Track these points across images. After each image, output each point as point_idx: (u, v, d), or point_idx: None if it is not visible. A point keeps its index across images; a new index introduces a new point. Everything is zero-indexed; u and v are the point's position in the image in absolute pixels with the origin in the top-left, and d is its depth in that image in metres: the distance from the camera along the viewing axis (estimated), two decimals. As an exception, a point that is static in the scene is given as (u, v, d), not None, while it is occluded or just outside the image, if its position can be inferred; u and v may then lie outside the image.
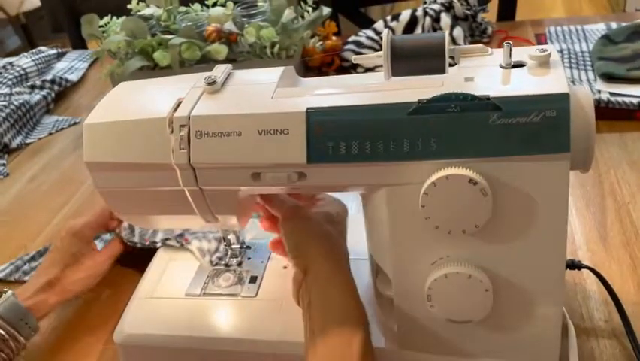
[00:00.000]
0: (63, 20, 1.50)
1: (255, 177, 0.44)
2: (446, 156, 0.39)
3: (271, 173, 0.43)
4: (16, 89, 1.16)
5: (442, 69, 0.42)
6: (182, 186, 0.45)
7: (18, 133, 1.07)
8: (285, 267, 0.58)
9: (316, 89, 0.45)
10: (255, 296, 0.55)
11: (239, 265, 0.58)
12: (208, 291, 0.56)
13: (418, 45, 0.43)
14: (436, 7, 1.04)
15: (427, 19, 1.04)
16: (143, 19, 1.01)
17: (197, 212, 0.48)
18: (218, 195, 0.46)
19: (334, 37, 1.09)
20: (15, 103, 1.08)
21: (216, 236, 0.62)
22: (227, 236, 0.59)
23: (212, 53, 0.97)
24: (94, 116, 0.47)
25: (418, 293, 0.43)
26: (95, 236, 0.65)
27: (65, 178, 0.95)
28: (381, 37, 0.44)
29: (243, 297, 0.55)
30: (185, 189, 0.46)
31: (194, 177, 0.44)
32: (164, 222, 0.53)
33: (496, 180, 0.39)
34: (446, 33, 0.42)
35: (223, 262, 0.59)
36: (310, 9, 1.01)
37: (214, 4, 1.02)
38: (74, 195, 0.89)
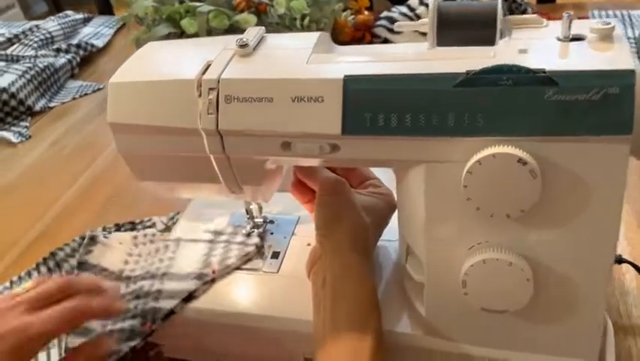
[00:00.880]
0: (90, -15, 1.48)
1: (285, 146, 0.41)
2: (494, 132, 0.36)
3: (302, 143, 0.40)
4: (42, 52, 1.14)
5: (491, 40, 0.39)
6: (208, 152, 0.43)
7: (42, 96, 1.06)
8: (309, 244, 0.55)
9: (354, 57, 0.42)
10: (277, 272, 0.53)
11: (260, 238, 0.56)
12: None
13: (467, 12, 0.40)
14: (475, -16, 1.00)
15: (465, -4, 0.99)
16: (171, -16, 0.99)
17: (222, 181, 0.45)
18: (245, 163, 0.44)
19: (366, 12, 1.05)
20: (40, 65, 1.06)
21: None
22: (250, 207, 0.57)
23: (240, 22, 0.94)
24: (119, 75, 0.45)
25: (451, 278, 0.41)
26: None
27: (87, 143, 0.93)
28: (416, 15, 0.41)
29: (264, 272, 0.53)
30: (212, 156, 0.43)
31: (221, 143, 0.42)
32: (187, 191, 0.51)
33: (547, 162, 0.36)
34: (499, 1, 0.39)
35: (244, 232, 0.57)
36: (343, -19, 0.98)
37: (245, -29, 0.99)
38: (95, 160, 0.88)
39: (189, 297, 0.51)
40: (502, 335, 0.42)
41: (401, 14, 1.02)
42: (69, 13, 1.33)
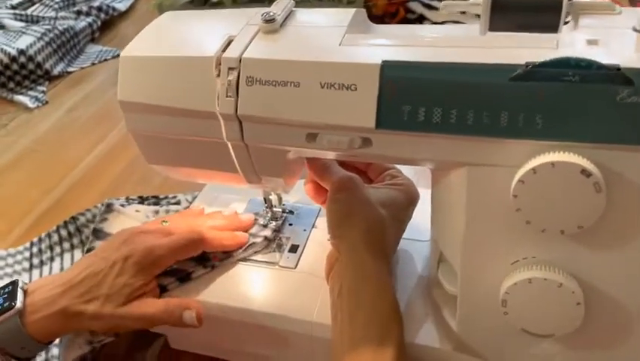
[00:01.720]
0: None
1: (310, 137, 0.37)
2: (554, 136, 0.31)
3: (330, 135, 0.36)
4: (62, 14, 1.10)
5: (554, 26, 0.34)
6: (225, 139, 0.39)
7: (60, 60, 1.02)
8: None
9: (394, 39, 0.37)
10: (295, 268, 0.49)
11: (277, 230, 0.52)
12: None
13: (528, -7, 0.35)
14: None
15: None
16: (197, -53, 0.94)
17: (239, 170, 0.41)
18: (265, 153, 0.39)
19: (402, -15, 0.99)
20: (59, 28, 1.03)
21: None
22: (269, 196, 0.53)
23: (268, -10, 0.89)
24: (132, 48, 0.41)
25: (490, 295, 0.36)
26: None
27: (105, 112, 0.90)
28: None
29: (280, 267, 0.49)
30: (229, 144, 0.39)
31: (239, 130, 0.38)
32: (200, 177, 0.47)
33: (614, 173, 0.31)
34: (566, -19, 0.34)
35: (261, 223, 0.53)
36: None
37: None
38: (112, 130, 0.85)
39: (186, 277, 0.48)
40: (543, 359, 0.38)
41: (440, -11, 0.96)
42: (92, -27, 1.28)
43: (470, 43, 0.34)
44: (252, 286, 0.48)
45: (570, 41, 0.33)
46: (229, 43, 0.38)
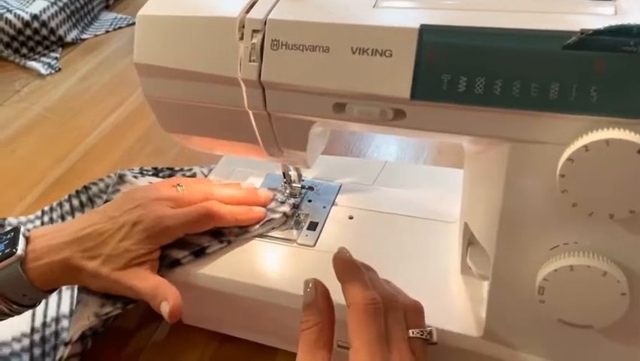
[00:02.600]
0: None
1: (338, 108, 0.34)
2: (610, 112, 0.28)
3: (360, 105, 0.33)
4: (76, -21, 1.07)
5: (611, -8, 0.31)
6: (246, 107, 0.36)
7: (74, 27, 1.00)
8: (351, 217, 0.49)
9: (434, 1, 0.34)
10: (314, 246, 0.47)
11: (296, 206, 0.50)
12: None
13: (584, -47, 0.31)
14: None
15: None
16: None
17: (260, 142, 0.39)
18: (288, 124, 0.37)
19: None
20: (73, -7, 1.00)
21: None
22: (289, 172, 0.50)
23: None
24: (150, 8, 0.38)
25: (524, 281, 0.34)
26: None
27: (118, 81, 0.88)
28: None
29: (299, 245, 0.47)
30: (250, 112, 0.37)
31: (262, 97, 0.36)
32: (218, 147, 0.44)
33: (673, 155, 0.28)
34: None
35: (278, 199, 0.51)
36: None
37: None
38: (126, 100, 0.83)
39: (200, 252, 0.46)
40: (580, 352, 0.36)
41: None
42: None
43: (519, 7, 0.31)
44: (267, 263, 0.46)
45: (629, 8, 0.30)
46: (254, 3, 0.35)
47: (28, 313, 0.50)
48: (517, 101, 0.29)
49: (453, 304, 0.40)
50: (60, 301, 0.52)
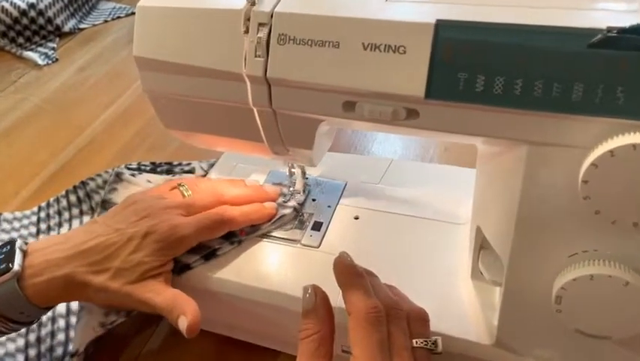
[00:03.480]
0: None
1: (348, 106, 0.33)
2: (637, 114, 0.27)
3: (371, 104, 0.32)
4: (74, -33, 1.05)
5: (638, -13, 0.29)
6: (251, 104, 0.35)
7: (72, 16, 0.98)
8: (357, 217, 0.48)
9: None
10: (318, 247, 0.45)
11: (300, 205, 0.49)
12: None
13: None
14: None
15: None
16: None
17: (264, 140, 0.38)
18: (294, 122, 0.35)
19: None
20: (71, -18, 0.98)
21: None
22: (292, 169, 0.49)
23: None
24: (150, -1, 0.36)
25: (540, 289, 0.33)
26: None
27: (117, 72, 0.86)
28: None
29: (303, 245, 0.46)
30: (255, 110, 0.35)
31: (268, 94, 0.34)
32: (221, 145, 0.43)
33: (702, 161, 0.26)
34: None
35: (281, 199, 0.49)
36: None
37: None
38: (124, 92, 0.81)
39: (211, 254, 0.45)
40: (595, 363, 0.35)
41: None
42: None
43: (542, 3, 0.30)
44: (270, 264, 0.45)
45: (658, 4, 0.28)
46: (260, -5, 0.34)
47: None
48: (538, 101, 0.28)
49: (463, 310, 0.39)
50: None
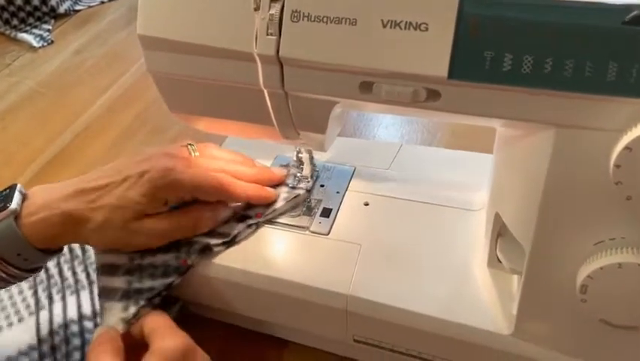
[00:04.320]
0: None
1: (365, 87, 0.31)
2: (676, 96, 0.25)
3: (390, 85, 0.30)
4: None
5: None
6: (261, 85, 0.33)
7: (67, -4, 0.95)
8: (367, 203, 0.46)
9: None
10: (327, 235, 0.44)
11: (308, 191, 0.47)
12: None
13: None
14: None
15: None
16: None
17: (275, 123, 0.36)
18: (308, 104, 0.34)
19: None
20: (66, -39, 0.95)
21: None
22: (300, 154, 0.47)
23: None
24: (154, -26, 0.35)
25: (563, 278, 0.31)
26: None
27: (115, 55, 0.84)
28: None
29: (312, 232, 0.44)
30: (265, 91, 0.34)
31: (280, 75, 0.32)
32: (229, 129, 0.41)
33: None
34: None
35: (289, 185, 0.48)
36: None
37: None
38: (122, 76, 0.79)
39: (232, 240, 0.43)
40: (622, 354, 0.33)
41: None
42: None
43: (571, -23, 0.28)
44: (279, 252, 0.44)
45: (696, -21, 0.26)
46: (271, -31, 0.32)
47: (31, 322, 0.47)
48: (569, 82, 0.26)
49: (480, 299, 0.38)
50: (65, 307, 0.48)
